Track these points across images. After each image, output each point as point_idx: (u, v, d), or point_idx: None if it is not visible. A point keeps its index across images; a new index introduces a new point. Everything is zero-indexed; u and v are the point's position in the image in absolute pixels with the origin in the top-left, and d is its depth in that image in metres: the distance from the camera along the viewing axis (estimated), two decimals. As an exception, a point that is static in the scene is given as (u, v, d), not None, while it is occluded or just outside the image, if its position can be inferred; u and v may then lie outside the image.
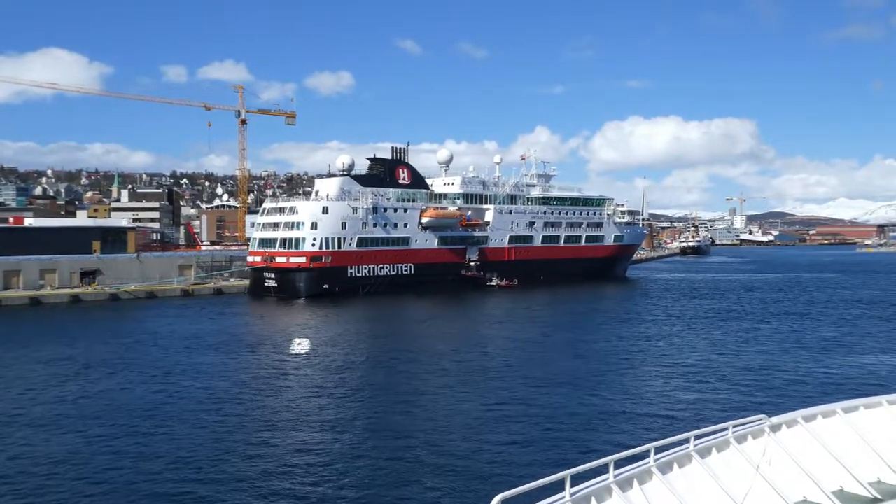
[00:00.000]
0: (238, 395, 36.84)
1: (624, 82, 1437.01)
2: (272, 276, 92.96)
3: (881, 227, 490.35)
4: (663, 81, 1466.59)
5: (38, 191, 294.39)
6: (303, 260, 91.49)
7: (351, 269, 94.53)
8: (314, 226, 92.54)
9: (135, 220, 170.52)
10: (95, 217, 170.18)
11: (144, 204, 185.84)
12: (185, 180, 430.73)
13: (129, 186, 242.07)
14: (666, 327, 62.97)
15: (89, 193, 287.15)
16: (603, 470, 9.16)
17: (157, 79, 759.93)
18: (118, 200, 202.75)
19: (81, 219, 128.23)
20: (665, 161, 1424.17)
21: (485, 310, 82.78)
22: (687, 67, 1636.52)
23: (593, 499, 8.85)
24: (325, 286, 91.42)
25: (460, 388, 38.67)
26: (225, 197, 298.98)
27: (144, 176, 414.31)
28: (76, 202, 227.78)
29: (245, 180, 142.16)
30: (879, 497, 11.28)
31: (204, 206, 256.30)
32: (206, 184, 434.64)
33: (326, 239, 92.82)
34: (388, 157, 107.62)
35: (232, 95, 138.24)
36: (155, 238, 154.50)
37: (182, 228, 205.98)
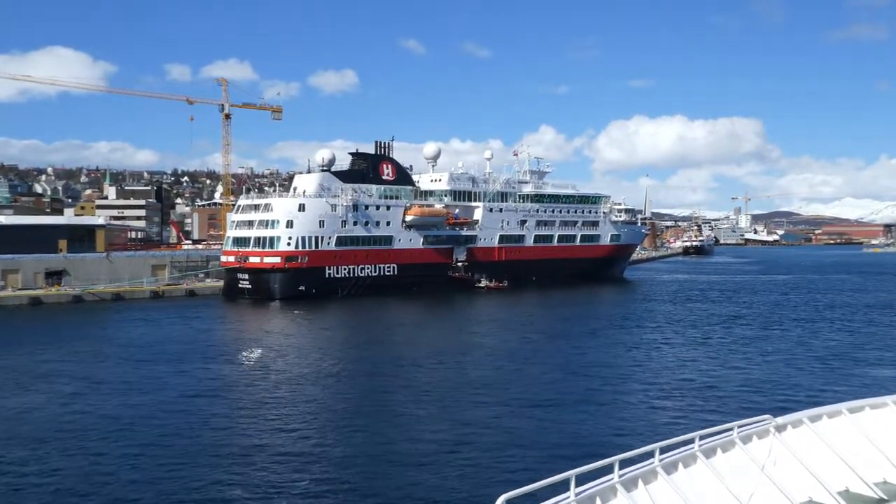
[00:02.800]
0: (167, 417, 31.84)
1: (628, 82, 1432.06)
2: (246, 277, 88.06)
3: (888, 227, 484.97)
4: (668, 81, 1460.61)
5: (37, 189, 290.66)
6: (277, 260, 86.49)
7: (329, 269, 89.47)
8: (290, 224, 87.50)
9: (119, 217, 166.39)
10: (82, 215, 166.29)
11: (131, 202, 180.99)
12: (185, 178, 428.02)
13: (119, 184, 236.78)
14: (664, 333, 57.82)
15: (88, 191, 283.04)
16: (608, 470, 9.10)
17: (161, 77, 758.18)
18: (105, 198, 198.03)
19: (48, 216, 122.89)
20: (670, 160, 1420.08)
21: (473, 313, 77.80)
22: (691, 67, 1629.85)
23: (598, 499, 8.84)
24: (302, 288, 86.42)
25: (451, 396, 34.67)
26: (218, 195, 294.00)
27: (145, 174, 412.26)
28: (69, 199, 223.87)
29: (228, 177, 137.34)
30: (885, 497, 11.21)
31: (197, 203, 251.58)
32: (208, 182, 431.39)
33: (303, 238, 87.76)
34: (373, 152, 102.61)
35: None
36: (136, 236, 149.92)
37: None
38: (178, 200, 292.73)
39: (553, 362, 45.25)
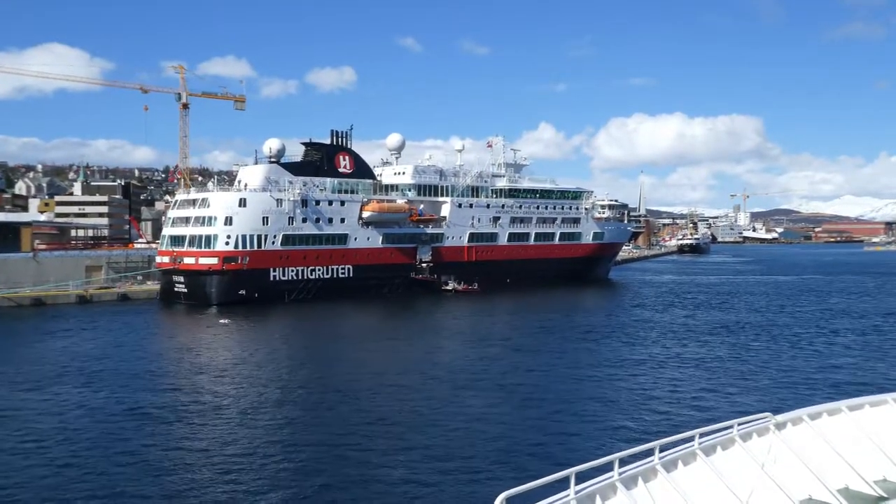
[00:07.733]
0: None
1: (627, 80, 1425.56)
2: (181, 279, 79.20)
3: (889, 225, 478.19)
4: (667, 79, 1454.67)
5: (19, 186, 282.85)
6: (214, 261, 77.48)
7: (274, 271, 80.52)
8: (229, 221, 78.47)
9: (81, 214, 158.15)
10: (45, 211, 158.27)
11: (97, 198, 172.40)
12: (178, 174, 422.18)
13: (86, 180, 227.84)
14: (647, 347, 49.07)
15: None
16: (608, 468, 9.01)
17: (157, 74, 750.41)
18: (71, 195, 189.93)
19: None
20: (669, 158, 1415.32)
21: (436, 321, 69.04)
22: (690, 65, 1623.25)
23: (598, 496, 8.76)
24: (242, 292, 77.49)
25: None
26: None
27: (136, 171, 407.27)
28: (45, 196, 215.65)
29: (186, 172, 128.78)
30: (885, 495, 11.16)
31: (167, 200, 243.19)
32: (199, 179, 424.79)
33: (243, 236, 78.77)
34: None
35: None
36: (92, 234, 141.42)
37: (149, 224, 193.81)
38: (167, 197, 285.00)
39: (528, 385, 37.30)
